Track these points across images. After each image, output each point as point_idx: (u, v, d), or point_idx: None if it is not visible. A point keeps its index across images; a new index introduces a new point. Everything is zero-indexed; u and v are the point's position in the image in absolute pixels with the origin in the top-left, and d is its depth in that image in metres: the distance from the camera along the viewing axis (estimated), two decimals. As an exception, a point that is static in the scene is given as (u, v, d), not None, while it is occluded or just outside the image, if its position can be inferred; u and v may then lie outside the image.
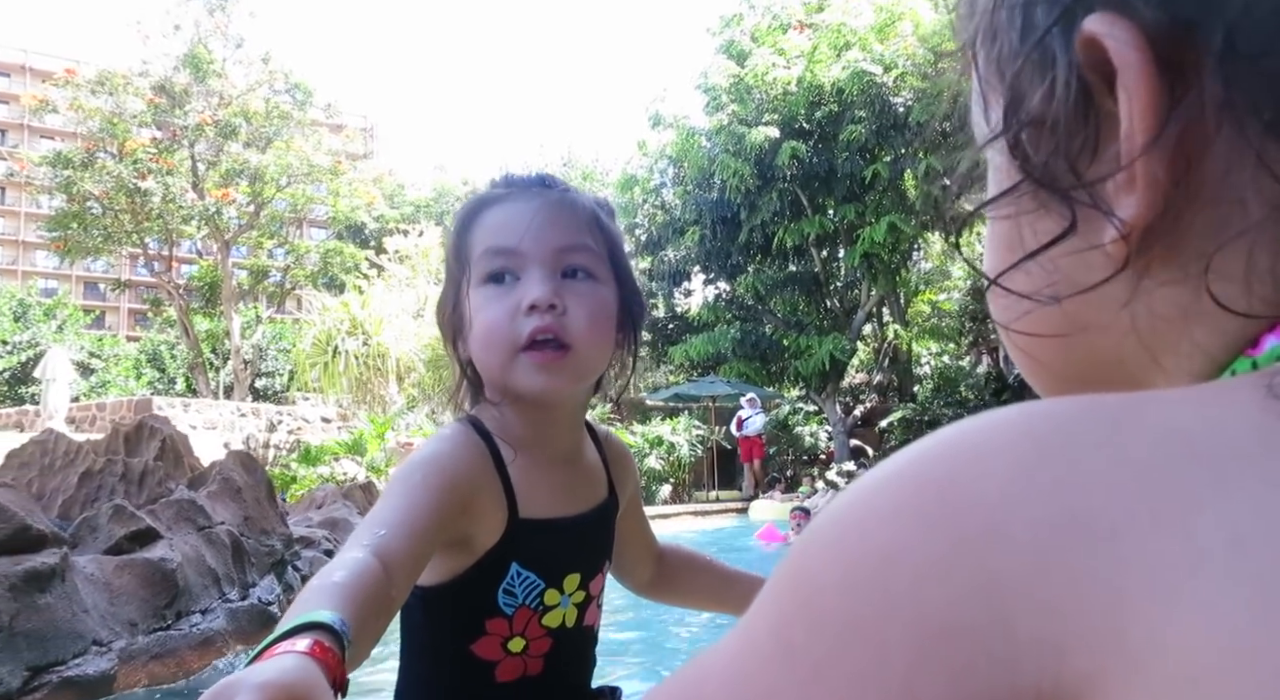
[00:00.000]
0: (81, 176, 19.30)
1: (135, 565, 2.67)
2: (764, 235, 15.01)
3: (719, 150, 14.65)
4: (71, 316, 29.16)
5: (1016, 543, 0.24)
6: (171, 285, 23.25)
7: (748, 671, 0.27)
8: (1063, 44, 0.31)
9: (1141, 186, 0.30)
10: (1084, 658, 0.23)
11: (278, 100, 21.18)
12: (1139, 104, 0.29)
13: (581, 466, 0.98)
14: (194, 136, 20.27)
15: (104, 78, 19.82)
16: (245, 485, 3.66)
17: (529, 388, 0.86)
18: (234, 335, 22.68)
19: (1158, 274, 0.31)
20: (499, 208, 0.91)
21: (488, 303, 0.87)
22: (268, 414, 16.75)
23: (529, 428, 0.92)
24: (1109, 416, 0.26)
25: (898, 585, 0.25)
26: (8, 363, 25.65)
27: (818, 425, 16.48)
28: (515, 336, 0.85)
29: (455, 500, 0.83)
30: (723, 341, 15.18)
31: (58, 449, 3.45)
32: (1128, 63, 0.29)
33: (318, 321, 16.46)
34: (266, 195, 21.00)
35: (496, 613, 0.90)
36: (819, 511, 0.31)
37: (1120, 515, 0.23)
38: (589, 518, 0.96)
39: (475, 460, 0.88)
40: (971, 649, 0.24)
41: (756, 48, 14.93)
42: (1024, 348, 0.37)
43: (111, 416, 15.77)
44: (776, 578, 0.28)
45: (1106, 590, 0.23)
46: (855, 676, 0.25)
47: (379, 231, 25.51)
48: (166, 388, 28.42)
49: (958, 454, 0.27)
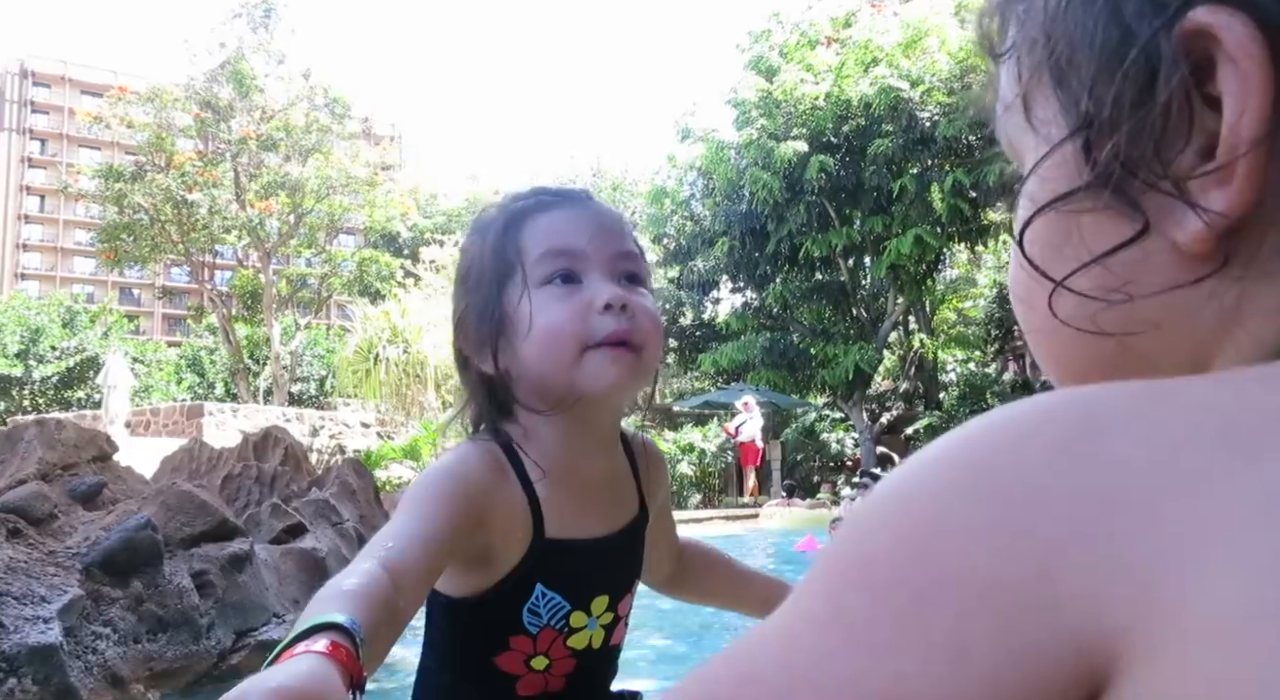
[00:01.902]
0: (132, 189, 20.03)
1: (294, 553, 3.14)
2: (791, 246, 15.25)
3: (748, 163, 14.92)
4: (116, 323, 30.02)
5: (1057, 506, 0.25)
6: (214, 292, 23.98)
7: (801, 636, 0.28)
8: (1161, 37, 0.31)
9: (1239, 181, 0.30)
10: (1121, 613, 0.24)
11: (316, 114, 21.81)
12: (1255, 98, 0.29)
13: (612, 484, 0.96)
14: (237, 150, 20.95)
15: (154, 93, 20.56)
16: (358, 487, 4.15)
17: (598, 382, 0.84)
18: (274, 342, 23.31)
19: (1235, 271, 0.31)
20: (552, 213, 0.90)
21: (552, 302, 0.85)
22: (311, 419, 17.31)
23: (563, 444, 0.89)
24: (1149, 394, 0.28)
25: (945, 548, 0.26)
26: (56, 368, 26.49)
27: (844, 432, 16.74)
28: (587, 335, 0.84)
29: (469, 514, 0.82)
30: (751, 350, 15.48)
31: (202, 455, 3.95)
32: (1246, 54, 0.29)
33: (359, 329, 16.95)
34: (306, 206, 21.62)
35: (520, 631, 0.89)
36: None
37: (1157, 482, 0.25)
38: (619, 539, 0.95)
39: (491, 475, 0.86)
40: (1014, 604, 0.25)
41: (785, 63, 15.26)
42: (1057, 353, 0.38)
43: (165, 421, 16.35)
44: (827, 551, 0.30)
45: (1142, 552, 0.24)
46: (907, 635, 0.26)
47: (413, 240, 26.12)
48: (206, 392, 29.17)
49: (1004, 431, 0.28)
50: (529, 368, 0.86)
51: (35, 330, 26.57)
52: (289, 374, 25.04)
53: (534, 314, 0.85)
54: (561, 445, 0.89)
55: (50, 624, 1.93)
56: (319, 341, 29.23)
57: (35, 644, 1.85)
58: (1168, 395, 0.27)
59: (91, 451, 3.01)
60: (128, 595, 2.32)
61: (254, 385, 26.38)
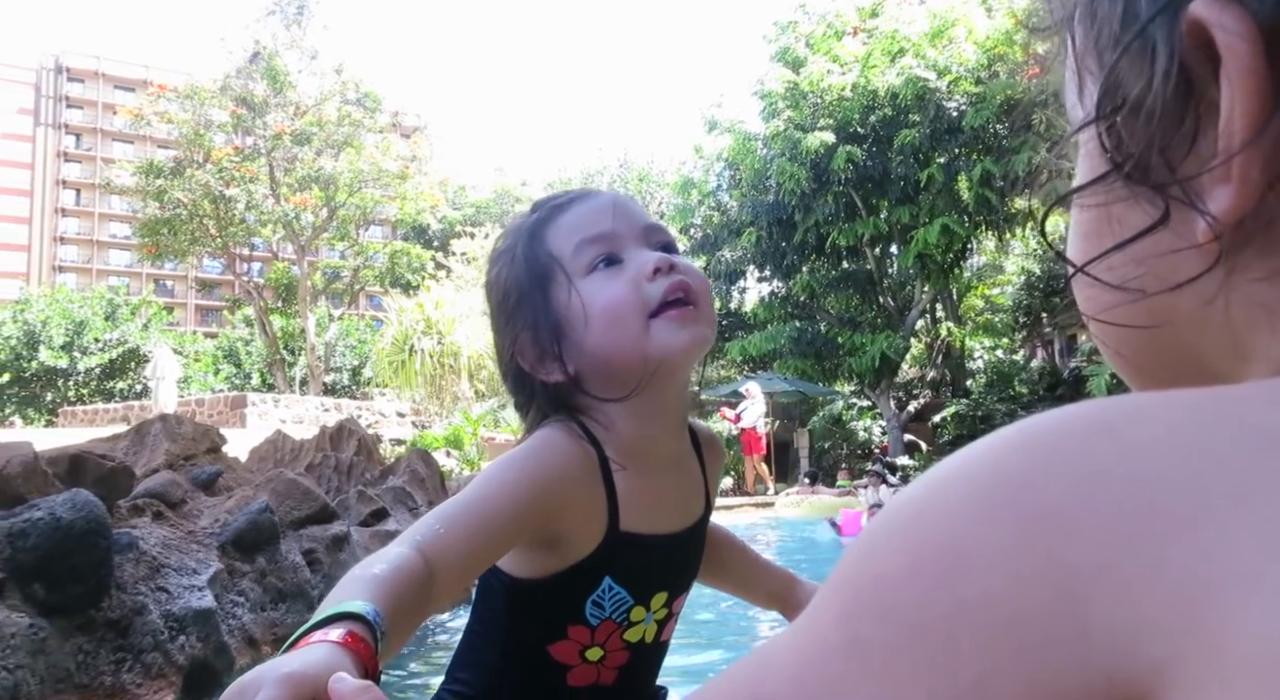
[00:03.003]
0: (171, 184, 20.53)
1: (380, 535, 3.46)
2: (818, 236, 15.34)
3: (775, 154, 15.03)
4: (155, 315, 30.79)
5: (1088, 531, 0.24)
6: (251, 285, 24.51)
7: (813, 662, 0.27)
8: (1166, 28, 0.30)
9: (1237, 182, 0.29)
10: (1159, 644, 0.22)
11: (349, 109, 22.18)
12: (1243, 97, 0.28)
13: (684, 478, 0.96)
14: (272, 145, 21.39)
15: (192, 90, 21.02)
16: (426, 475, 4.49)
17: (671, 347, 0.84)
18: (309, 333, 23.81)
19: (1248, 270, 0.31)
20: (570, 209, 0.91)
21: (603, 284, 0.86)
22: (348, 409, 17.75)
23: (638, 431, 0.89)
24: (1188, 410, 0.26)
25: (966, 574, 0.25)
26: (99, 359, 27.26)
27: (871, 420, 16.87)
28: (646, 302, 0.84)
29: (540, 504, 0.81)
30: (779, 338, 15.65)
31: (285, 446, 4.31)
32: (1234, 53, 0.28)
33: (395, 321, 17.31)
34: (339, 200, 22.05)
35: (581, 621, 0.88)
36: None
37: (1199, 504, 0.23)
38: (686, 535, 0.94)
39: (576, 465, 0.85)
40: (1041, 635, 0.23)
41: (812, 54, 15.34)
42: (1106, 339, 0.37)
43: (210, 411, 16.84)
44: (841, 570, 0.28)
45: (1183, 577, 0.22)
46: (924, 666, 0.25)
47: (442, 232, 26.48)
48: (244, 383, 29.87)
49: (1029, 449, 0.26)
50: (598, 354, 0.85)
51: (79, 323, 27.35)
52: (324, 364, 25.56)
53: (587, 301, 0.85)
54: (637, 432, 0.88)
55: (204, 592, 2.25)
56: (351, 332, 29.78)
57: (197, 607, 2.16)
58: (1205, 409, 0.26)
59: (206, 444, 3.35)
60: (254, 569, 2.66)
61: (290, 375, 26.97)
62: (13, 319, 27.40)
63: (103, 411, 18.15)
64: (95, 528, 1.87)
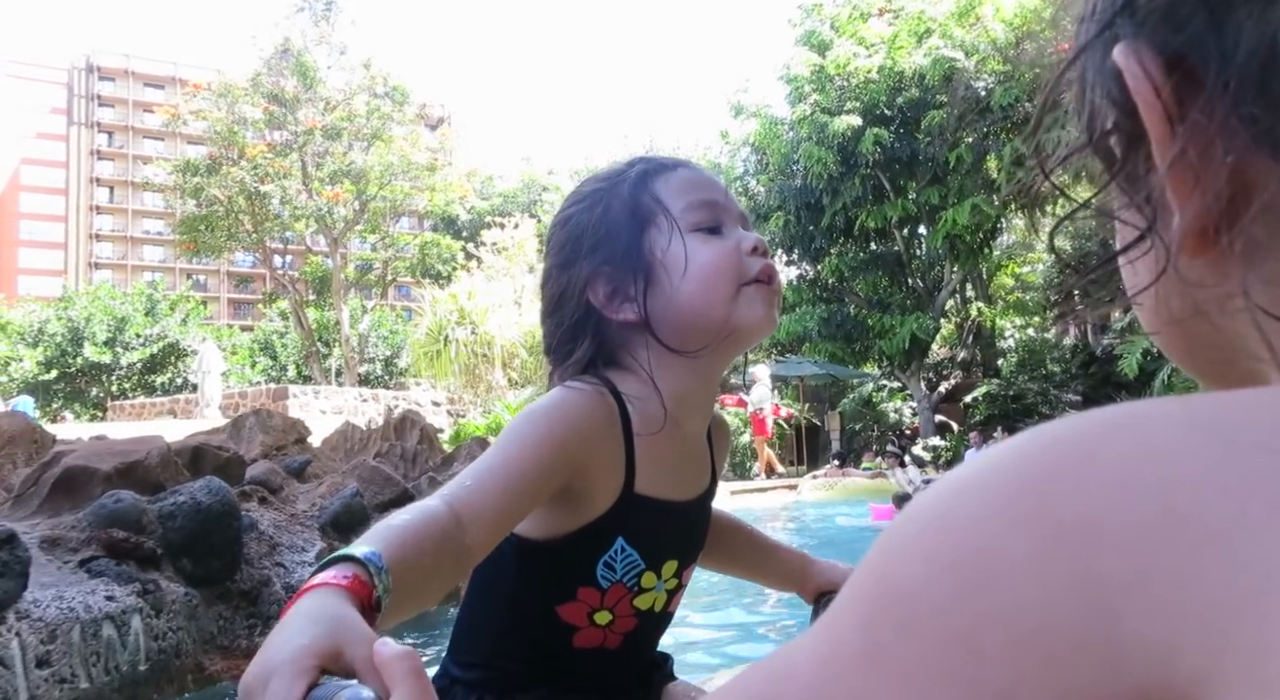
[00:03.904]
0: (208, 182, 20.97)
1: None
2: (846, 219, 15.38)
3: (802, 138, 15.06)
4: (194, 310, 31.47)
5: (1120, 541, 0.23)
6: (287, 278, 24.95)
7: (835, 670, 0.27)
8: (1100, 73, 0.33)
9: (1177, 202, 0.31)
10: (1196, 658, 0.21)
11: (377, 103, 22.45)
12: (1154, 130, 0.31)
13: (695, 452, 0.98)
14: (304, 141, 21.74)
15: (225, 89, 21.41)
16: (484, 462, 4.69)
17: (752, 317, 0.89)
18: (343, 325, 24.22)
19: (1228, 281, 0.31)
20: (681, 171, 0.95)
21: (706, 244, 0.90)
22: (385, 399, 18.10)
23: (680, 395, 0.91)
24: (1217, 415, 0.25)
25: (992, 584, 0.24)
26: (141, 354, 27.96)
27: (901, 402, 16.94)
28: (744, 272, 0.89)
29: (567, 459, 0.82)
30: (808, 321, 15.75)
31: (354, 436, 4.58)
32: (1141, 95, 0.31)
33: (429, 312, 17.59)
34: (370, 193, 22.37)
35: (591, 583, 0.89)
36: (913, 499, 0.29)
37: (1231, 512, 0.22)
38: (695, 506, 0.97)
39: (600, 420, 0.86)
40: (1070, 650, 0.23)
41: (837, 37, 15.32)
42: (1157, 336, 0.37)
43: (253, 403, 17.27)
44: (862, 574, 0.28)
45: (1219, 588, 0.21)
46: (948, 678, 0.24)
47: (471, 223, 26.73)
48: (280, 375, 30.48)
49: (1058, 453, 0.25)
50: (685, 305, 0.88)
51: (121, 320, 28.04)
52: (359, 356, 25.99)
53: (691, 256, 0.88)
54: (678, 395, 0.90)
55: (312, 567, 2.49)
56: (383, 323, 30.23)
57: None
58: (1234, 413, 0.25)
59: (294, 435, 3.62)
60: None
61: (325, 367, 27.48)
62: (56, 316, 28.17)
63: (149, 405, 18.66)
64: (228, 510, 2.12)
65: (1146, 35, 0.31)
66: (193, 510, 1.97)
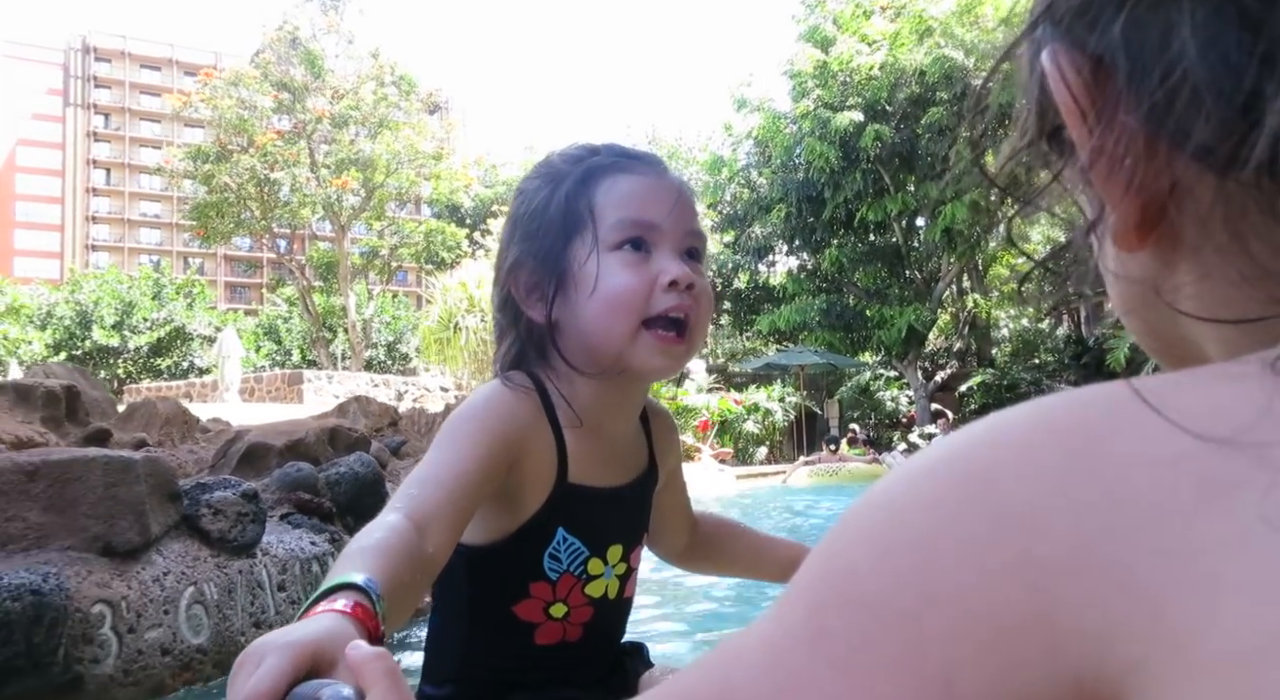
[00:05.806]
0: (218, 169, 21.20)
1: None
2: (847, 212, 15.78)
3: (804, 133, 15.44)
4: (200, 294, 31.76)
5: (1058, 526, 0.23)
6: (294, 264, 25.23)
7: (780, 653, 0.27)
8: (1033, 75, 0.33)
9: (1107, 199, 0.32)
10: (1129, 645, 0.22)
11: (385, 91, 22.66)
12: (1074, 134, 0.32)
13: (629, 441, 0.98)
14: (312, 129, 21.97)
15: (236, 77, 21.63)
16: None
17: (645, 365, 0.87)
18: (350, 310, 24.51)
19: (1175, 272, 0.32)
20: (632, 178, 0.90)
21: (623, 268, 0.86)
22: (395, 384, 18.46)
23: (596, 403, 0.91)
24: (1156, 398, 0.25)
25: (935, 569, 0.24)
26: (148, 338, 28.29)
27: (899, 390, 17.34)
28: (649, 307, 0.86)
29: (502, 454, 0.83)
30: (808, 312, 16.12)
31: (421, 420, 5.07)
32: (1061, 98, 0.32)
33: (439, 300, 17.91)
34: (377, 181, 22.65)
35: (541, 576, 0.90)
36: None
37: (1163, 499, 0.23)
38: (631, 489, 0.97)
39: (527, 416, 0.87)
40: (1008, 634, 0.23)
41: (840, 34, 15.65)
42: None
43: (269, 388, 17.59)
44: (812, 562, 0.28)
45: (1151, 576, 0.22)
46: (892, 662, 0.24)
47: (475, 210, 27.03)
48: (285, 359, 30.85)
49: (1003, 442, 0.26)
50: (585, 327, 0.87)
51: (128, 303, 28.35)
52: (364, 341, 26.31)
53: (602, 276, 0.86)
54: (594, 403, 0.91)
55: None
56: (386, 309, 30.56)
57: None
58: (1175, 394, 0.25)
59: (388, 419, 4.08)
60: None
61: (330, 352, 27.81)
62: (65, 300, 28.46)
63: (165, 388, 19.02)
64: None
65: (1065, 37, 0.32)
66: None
